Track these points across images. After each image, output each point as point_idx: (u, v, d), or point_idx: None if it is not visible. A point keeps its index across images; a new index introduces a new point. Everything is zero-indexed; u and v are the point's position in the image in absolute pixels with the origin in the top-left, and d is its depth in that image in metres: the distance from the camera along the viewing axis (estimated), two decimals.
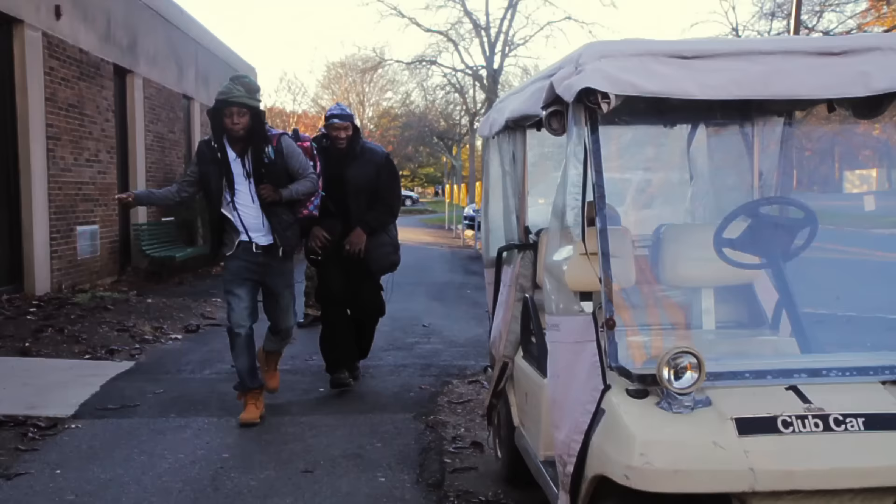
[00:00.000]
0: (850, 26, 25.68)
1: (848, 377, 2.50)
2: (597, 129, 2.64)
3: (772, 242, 3.29)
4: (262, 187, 4.86)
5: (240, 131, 4.82)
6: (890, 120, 3.01)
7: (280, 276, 5.11)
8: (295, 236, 5.13)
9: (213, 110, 4.87)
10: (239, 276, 5.00)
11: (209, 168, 4.95)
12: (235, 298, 5.00)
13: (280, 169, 4.92)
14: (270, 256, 5.01)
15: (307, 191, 5.06)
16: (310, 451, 4.55)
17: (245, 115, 4.80)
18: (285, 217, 5.00)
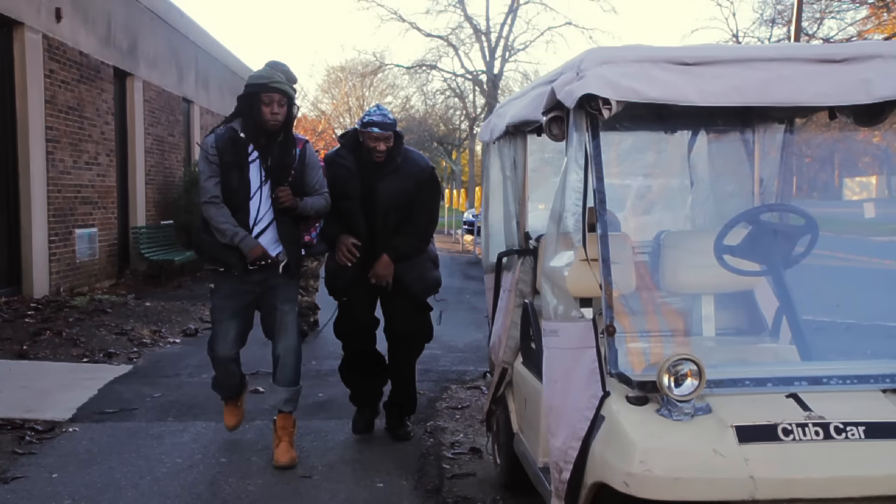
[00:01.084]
0: (851, 33, 25.71)
1: (848, 385, 2.49)
2: (598, 134, 2.64)
3: (772, 249, 3.29)
4: (281, 189, 4.20)
5: (277, 123, 4.17)
6: (890, 127, 3.00)
7: (280, 289, 4.37)
8: (298, 255, 4.44)
9: (247, 96, 4.20)
10: (232, 301, 4.33)
11: (232, 161, 4.24)
12: (223, 328, 4.37)
13: (298, 177, 4.33)
14: (267, 274, 4.32)
15: (320, 210, 4.41)
16: (308, 456, 4.53)
17: (285, 105, 4.19)
18: (292, 230, 4.36)
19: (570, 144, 2.68)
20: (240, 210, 4.26)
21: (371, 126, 4.41)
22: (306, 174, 4.36)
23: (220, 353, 4.39)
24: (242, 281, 4.30)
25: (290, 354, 4.41)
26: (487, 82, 36.57)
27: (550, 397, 2.59)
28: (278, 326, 4.40)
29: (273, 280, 4.35)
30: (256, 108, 4.15)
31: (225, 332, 4.36)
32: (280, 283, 4.37)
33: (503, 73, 37.11)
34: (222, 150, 4.24)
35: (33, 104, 9.43)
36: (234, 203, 4.26)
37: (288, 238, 4.34)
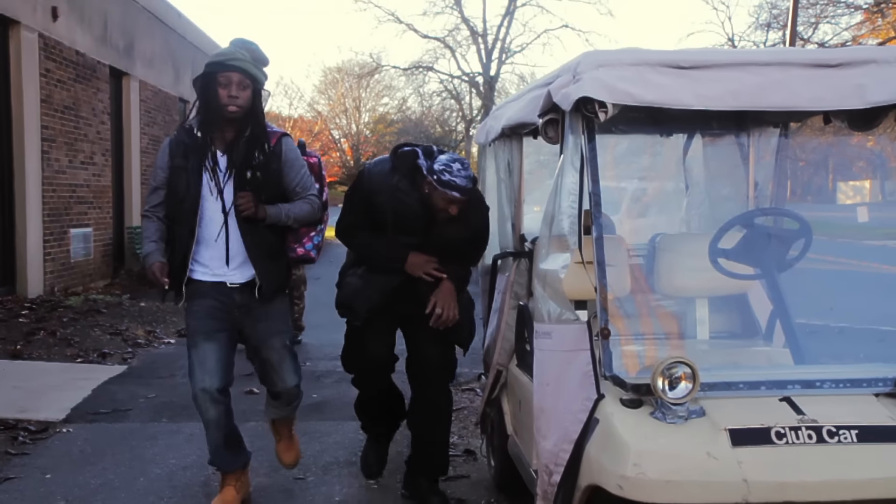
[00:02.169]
0: (846, 38, 25.80)
1: (841, 389, 2.50)
2: (594, 137, 2.65)
3: (766, 253, 3.30)
4: (240, 195, 3.45)
5: (237, 110, 3.43)
6: (884, 132, 3.02)
7: (263, 322, 3.63)
8: (280, 274, 3.68)
9: (203, 79, 3.47)
10: (206, 321, 3.58)
11: (183, 164, 3.52)
12: (198, 354, 3.58)
13: (273, 178, 3.55)
14: (250, 296, 3.60)
15: (304, 217, 3.63)
16: (302, 457, 4.52)
17: (247, 88, 3.45)
18: (269, 244, 3.60)
19: (565, 147, 2.69)
20: (188, 223, 3.51)
21: (451, 189, 3.48)
22: (283, 174, 3.59)
23: (201, 386, 3.54)
24: (217, 298, 3.57)
25: (293, 392, 3.78)
26: (484, 84, 36.61)
27: (542, 399, 2.60)
28: (273, 367, 3.69)
29: (254, 306, 3.61)
30: (212, 92, 3.44)
31: (202, 360, 3.56)
32: (262, 309, 3.62)
33: (500, 75, 37.17)
34: (173, 152, 3.56)
35: (29, 103, 9.41)
36: (180, 217, 3.53)
37: (261, 253, 3.55)
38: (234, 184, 3.50)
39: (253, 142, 3.53)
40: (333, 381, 6.31)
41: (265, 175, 3.54)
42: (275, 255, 3.65)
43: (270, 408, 3.95)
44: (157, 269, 3.53)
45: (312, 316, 9.44)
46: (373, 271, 3.71)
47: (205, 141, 3.52)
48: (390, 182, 3.62)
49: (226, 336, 3.62)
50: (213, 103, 3.46)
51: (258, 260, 3.56)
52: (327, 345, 7.73)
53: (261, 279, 3.57)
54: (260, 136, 3.54)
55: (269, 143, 3.57)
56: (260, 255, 3.56)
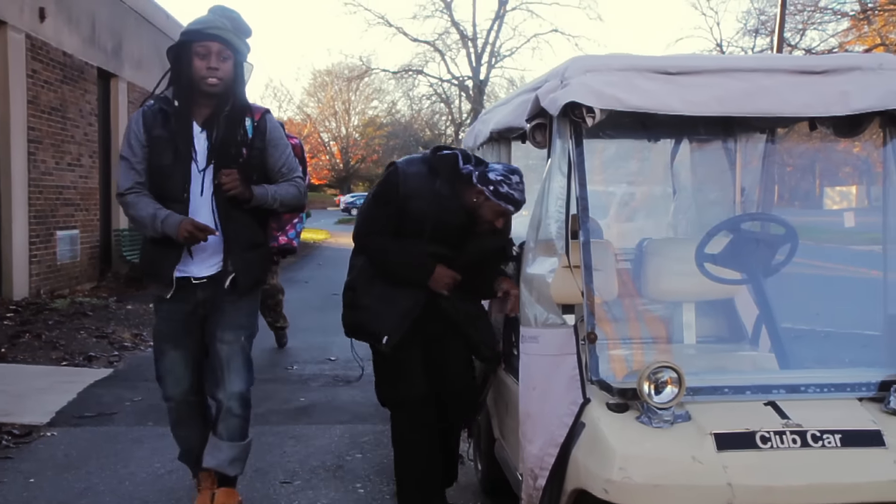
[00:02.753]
0: (832, 45, 26.02)
1: (825, 393, 2.52)
2: (581, 142, 2.66)
3: (753, 258, 3.32)
4: (225, 172, 3.14)
5: (217, 83, 3.15)
6: (870, 138, 3.04)
7: (225, 312, 3.31)
8: (260, 266, 3.41)
9: (178, 48, 3.18)
10: (172, 324, 3.35)
11: (164, 133, 3.21)
12: (165, 361, 3.38)
13: (256, 157, 3.27)
14: (215, 290, 3.28)
15: (291, 200, 3.35)
16: (289, 461, 4.52)
17: (228, 59, 3.16)
18: (249, 231, 3.30)
19: (553, 152, 2.69)
20: (178, 201, 3.20)
21: (507, 202, 3.23)
22: (267, 154, 3.31)
23: (169, 394, 3.43)
24: (184, 299, 3.27)
25: (237, 401, 3.38)
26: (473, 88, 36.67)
27: (528, 404, 2.60)
28: (220, 364, 3.33)
29: (220, 300, 3.30)
30: (187, 64, 3.15)
31: (169, 367, 3.37)
32: (227, 303, 3.30)
33: (489, 78, 37.26)
34: (150, 123, 3.22)
35: (15, 104, 9.36)
36: (168, 193, 3.22)
37: (239, 241, 3.25)
38: (214, 163, 3.20)
39: (234, 117, 3.23)
40: (321, 385, 6.30)
41: (249, 153, 3.25)
42: (255, 244, 3.33)
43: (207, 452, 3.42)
44: (192, 220, 3.13)
45: (300, 319, 9.43)
46: (394, 289, 3.34)
47: (182, 112, 3.19)
48: (431, 186, 3.29)
49: (192, 341, 3.39)
50: (189, 75, 3.15)
51: (236, 249, 3.22)
52: (314, 348, 7.72)
53: (237, 271, 3.24)
54: (242, 112, 3.25)
55: (253, 118, 3.29)
56: (239, 243, 3.23)
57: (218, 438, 3.42)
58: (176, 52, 3.20)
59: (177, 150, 3.19)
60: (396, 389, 3.46)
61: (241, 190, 3.17)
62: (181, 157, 3.20)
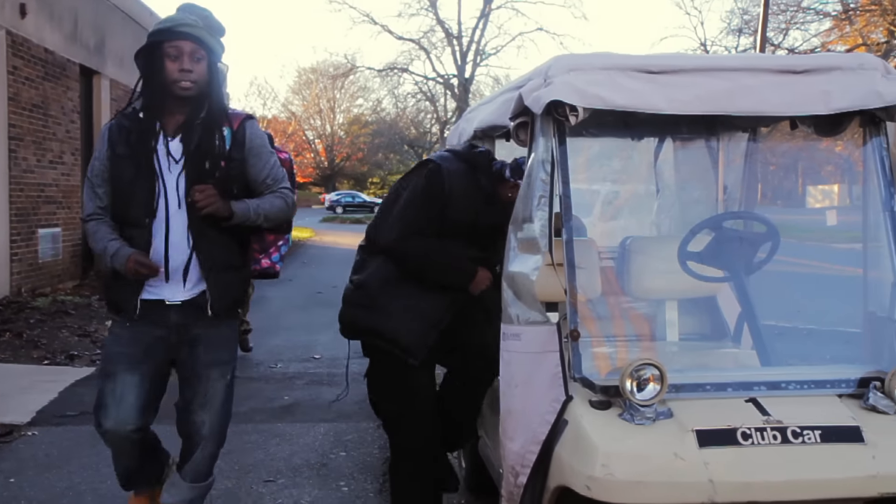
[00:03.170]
0: (815, 44, 26.22)
1: (806, 390, 2.53)
2: (564, 140, 2.67)
3: (735, 256, 3.34)
4: (198, 189, 2.82)
5: (190, 86, 2.85)
6: (851, 138, 3.06)
7: (204, 343, 2.99)
8: (237, 288, 3.05)
9: (147, 51, 2.89)
10: (132, 347, 2.93)
11: (126, 152, 2.90)
12: (115, 385, 2.92)
13: (235, 169, 2.95)
14: (192, 316, 2.95)
15: (277, 214, 3.03)
16: (272, 460, 4.51)
17: (202, 60, 2.88)
18: (227, 252, 2.98)
19: (536, 150, 2.70)
20: (139, 226, 2.89)
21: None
22: (248, 165, 2.98)
23: (108, 427, 2.92)
24: (154, 321, 2.94)
25: (212, 442, 3.08)
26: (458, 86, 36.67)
27: (509, 401, 2.60)
28: (200, 400, 3.03)
29: (196, 328, 2.97)
30: (159, 66, 2.86)
31: (119, 395, 2.90)
32: (206, 333, 2.99)
33: (474, 77, 37.29)
34: (115, 139, 2.93)
35: None
36: (132, 217, 2.91)
37: (216, 263, 2.94)
38: (187, 176, 2.88)
39: (211, 124, 2.92)
40: (305, 384, 6.29)
41: (227, 165, 2.93)
42: (234, 266, 3.01)
43: (166, 485, 3.14)
44: (138, 257, 2.83)
45: (284, 317, 9.42)
46: (419, 294, 3.13)
47: (151, 124, 2.90)
48: (474, 184, 3.18)
49: (153, 369, 2.97)
50: (160, 79, 2.86)
51: (211, 270, 2.92)
52: (298, 346, 7.71)
53: (212, 294, 2.92)
54: (219, 118, 2.94)
55: (231, 126, 2.98)
56: (215, 264, 2.93)
57: (181, 478, 3.10)
58: (146, 56, 2.91)
59: (139, 170, 2.88)
60: (404, 399, 3.21)
61: (216, 207, 2.83)
62: (143, 178, 2.88)
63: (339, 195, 49.82)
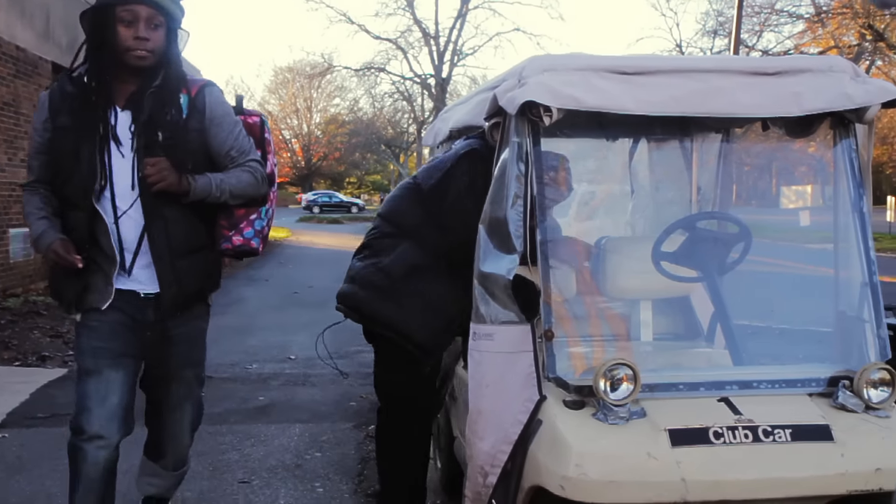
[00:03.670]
0: (788, 46, 26.51)
1: (777, 389, 2.56)
2: (539, 141, 2.67)
3: (708, 256, 3.36)
4: (150, 162, 2.54)
5: (146, 56, 2.57)
6: (824, 139, 3.10)
7: (180, 346, 2.81)
8: (199, 274, 2.77)
9: (95, 13, 2.58)
10: (114, 343, 2.69)
11: (69, 123, 2.61)
12: (99, 383, 2.68)
13: (194, 141, 2.66)
14: (162, 312, 2.73)
15: (244, 190, 2.73)
16: (247, 460, 4.48)
17: (160, 27, 2.59)
18: (185, 232, 2.69)
19: (511, 150, 2.70)
20: (78, 207, 2.61)
21: None
22: (209, 135, 2.69)
23: (95, 431, 2.68)
24: (133, 314, 2.70)
25: (189, 433, 3.02)
26: (436, 86, 36.67)
27: (479, 401, 2.60)
28: (174, 400, 2.90)
29: (172, 323, 2.77)
30: (111, 33, 2.54)
31: (103, 395, 2.67)
32: (181, 328, 2.79)
33: (451, 77, 37.30)
34: (57, 107, 2.62)
35: None
36: (72, 197, 2.63)
37: (171, 246, 2.65)
38: (138, 151, 2.59)
39: (164, 93, 2.62)
40: (280, 384, 6.26)
41: (183, 136, 2.63)
42: (194, 248, 2.71)
43: (146, 477, 3.09)
44: (60, 247, 2.55)
45: (259, 317, 9.37)
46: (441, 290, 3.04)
47: (100, 90, 2.59)
48: None
49: (134, 365, 2.76)
50: (112, 47, 2.55)
51: (170, 255, 2.64)
52: (274, 347, 7.67)
53: (163, 284, 2.65)
54: (174, 86, 2.64)
55: (190, 93, 2.68)
56: (170, 248, 2.64)
57: (162, 468, 3.07)
58: (93, 19, 2.57)
59: (82, 143, 2.57)
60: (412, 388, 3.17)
61: (170, 181, 2.55)
62: (87, 153, 2.57)
63: (316, 195, 49.64)
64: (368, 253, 3.22)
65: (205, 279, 2.82)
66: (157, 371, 2.87)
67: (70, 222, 2.65)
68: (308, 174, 57.58)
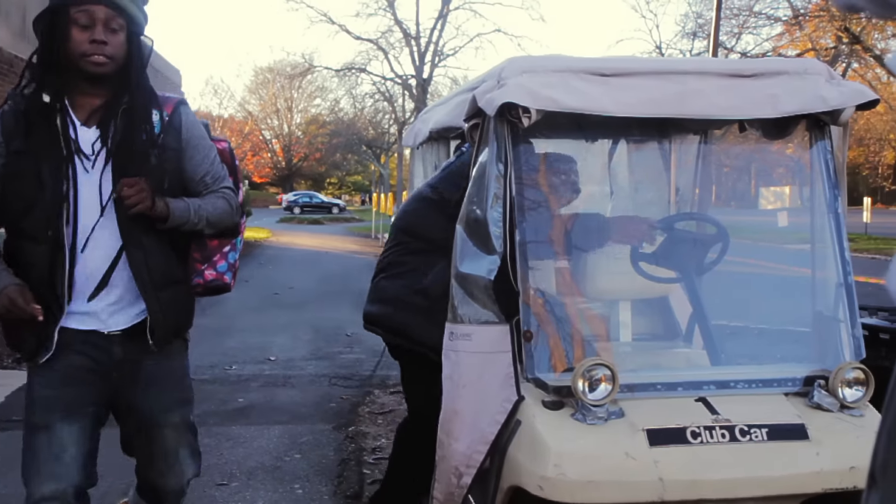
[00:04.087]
0: (766, 48, 26.75)
1: (754, 389, 2.58)
2: (518, 142, 2.68)
3: (686, 257, 3.38)
4: (127, 182, 2.25)
5: (105, 62, 2.28)
6: (802, 140, 3.12)
7: (155, 388, 2.46)
8: (181, 307, 2.50)
9: (50, 17, 2.31)
10: (69, 391, 2.34)
11: (24, 147, 2.29)
12: (53, 443, 2.33)
13: (171, 161, 2.41)
14: (135, 349, 2.39)
15: (220, 218, 2.49)
16: (226, 463, 4.45)
17: (120, 31, 2.31)
18: (167, 264, 2.43)
19: (490, 151, 2.71)
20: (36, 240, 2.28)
21: None
22: (185, 157, 2.46)
23: (46, 493, 2.33)
24: (93, 356, 2.36)
25: (180, 493, 2.68)
26: (417, 87, 36.62)
27: (455, 401, 2.60)
28: (156, 457, 2.54)
29: (143, 362, 2.42)
30: (64, 37, 2.27)
31: (56, 452, 2.33)
32: (154, 366, 2.44)
33: (432, 77, 37.24)
34: (10, 131, 2.31)
35: None
36: (28, 228, 2.29)
37: (153, 278, 2.37)
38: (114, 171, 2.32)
39: (138, 111, 2.36)
40: (260, 386, 6.23)
41: (160, 155, 2.38)
42: (173, 281, 2.45)
43: None
44: (16, 293, 2.22)
45: (239, 319, 9.32)
46: None
47: (57, 108, 2.31)
48: None
49: (94, 414, 2.41)
50: (65, 53, 2.28)
51: (150, 288, 2.36)
52: (253, 348, 7.63)
53: (153, 317, 2.37)
54: (145, 101, 2.38)
55: (162, 110, 2.43)
56: (153, 281, 2.37)
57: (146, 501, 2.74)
58: (48, 22, 2.32)
59: (42, 168, 2.27)
60: None
61: (148, 204, 2.28)
62: (48, 179, 2.27)
63: (297, 195, 49.48)
64: (397, 272, 3.14)
65: (188, 312, 2.56)
66: (138, 417, 2.50)
67: (25, 258, 2.32)
68: (289, 175, 57.38)
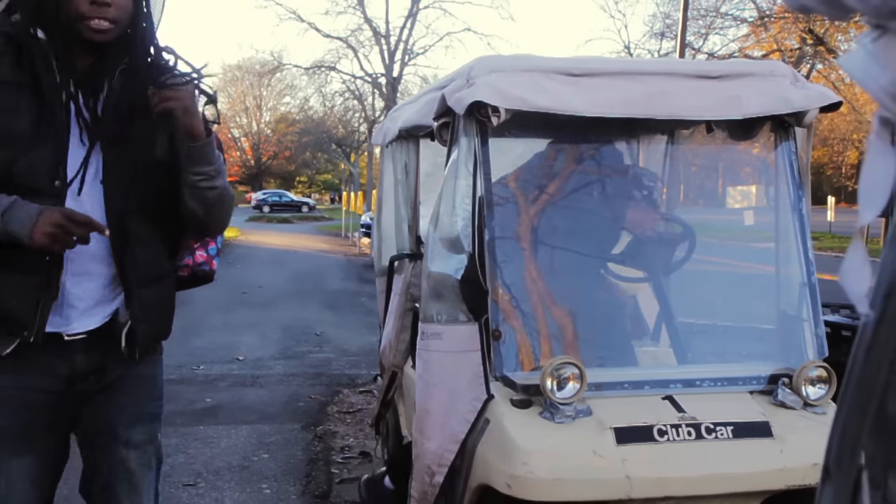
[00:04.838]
0: (733, 49, 27.06)
1: (719, 387, 2.61)
2: (487, 141, 2.68)
3: (653, 256, 3.41)
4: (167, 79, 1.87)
5: (107, 28, 1.83)
6: (768, 140, 3.17)
7: (123, 397, 2.01)
8: (165, 309, 2.07)
9: None
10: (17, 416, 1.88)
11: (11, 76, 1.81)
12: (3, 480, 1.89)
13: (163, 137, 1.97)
14: (105, 353, 1.95)
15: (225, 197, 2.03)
16: (192, 463, 4.41)
17: None
18: (153, 255, 1.98)
19: (459, 150, 2.71)
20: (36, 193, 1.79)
21: None
22: None
23: None
24: (47, 368, 1.88)
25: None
26: (387, 85, 36.55)
27: (426, 400, 2.60)
28: (122, 477, 2.05)
29: (113, 370, 1.99)
30: None
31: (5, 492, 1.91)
32: (126, 376, 2.01)
33: (402, 76, 37.21)
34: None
35: None
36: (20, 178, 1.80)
37: (138, 271, 1.94)
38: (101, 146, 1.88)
39: (142, 72, 1.92)
40: (228, 385, 6.18)
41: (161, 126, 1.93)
42: (159, 276, 2.02)
43: None
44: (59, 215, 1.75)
45: (207, 318, 9.24)
46: None
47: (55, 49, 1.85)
48: None
49: (52, 442, 2.00)
50: (60, 15, 1.82)
51: (133, 285, 1.93)
52: (221, 347, 7.58)
53: (135, 320, 1.94)
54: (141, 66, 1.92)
55: None
56: (137, 275, 1.93)
57: None
58: None
59: (40, 108, 1.81)
60: None
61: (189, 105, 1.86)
62: (46, 120, 1.82)
63: (266, 194, 49.13)
64: None
65: (170, 312, 2.12)
66: (100, 437, 2.06)
67: None
68: (258, 173, 56.96)
